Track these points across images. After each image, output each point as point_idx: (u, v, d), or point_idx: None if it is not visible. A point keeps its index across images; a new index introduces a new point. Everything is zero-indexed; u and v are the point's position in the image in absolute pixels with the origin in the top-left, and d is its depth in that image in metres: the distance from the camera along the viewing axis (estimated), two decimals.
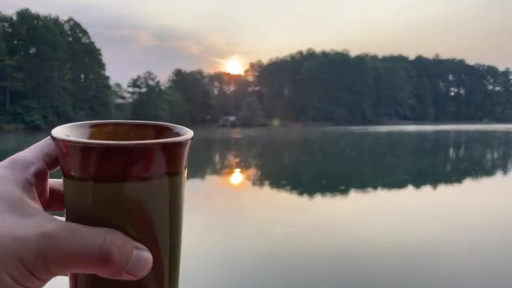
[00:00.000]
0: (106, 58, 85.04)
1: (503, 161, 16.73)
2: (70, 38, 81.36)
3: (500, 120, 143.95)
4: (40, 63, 72.46)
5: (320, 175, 13.66)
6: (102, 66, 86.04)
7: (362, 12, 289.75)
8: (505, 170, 13.32)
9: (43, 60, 72.52)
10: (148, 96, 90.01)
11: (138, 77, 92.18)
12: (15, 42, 73.15)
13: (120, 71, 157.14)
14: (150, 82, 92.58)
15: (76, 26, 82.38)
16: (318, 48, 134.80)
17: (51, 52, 72.44)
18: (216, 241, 5.95)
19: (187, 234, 5.43)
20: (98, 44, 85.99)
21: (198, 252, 5.34)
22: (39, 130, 65.58)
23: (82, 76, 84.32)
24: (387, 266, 4.41)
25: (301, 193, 9.23)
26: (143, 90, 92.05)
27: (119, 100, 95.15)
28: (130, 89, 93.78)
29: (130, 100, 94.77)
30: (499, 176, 11.88)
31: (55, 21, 78.15)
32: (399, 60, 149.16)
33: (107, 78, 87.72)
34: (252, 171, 14.43)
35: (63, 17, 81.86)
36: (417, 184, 10.15)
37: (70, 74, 79.75)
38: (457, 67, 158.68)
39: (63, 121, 76.53)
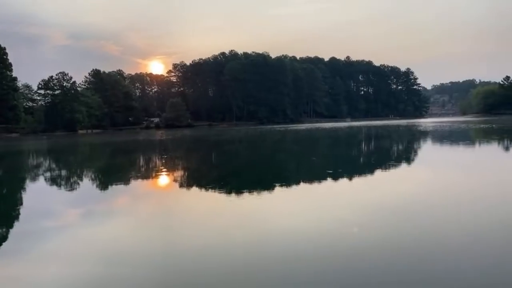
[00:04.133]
0: (12, 58, 77.39)
1: (406, 152, 18.95)
2: None
3: (403, 115, 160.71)
4: None
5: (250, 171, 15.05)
6: (7, 66, 78.23)
7: (281, 16, 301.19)
8: (408, 160, 15.03)
9: None
10: (63, 99, 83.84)
11: (51, 78, 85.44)
12: None
13: (29, 72, 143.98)
14: (65, 84, 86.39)
15: None
16: (240, 49, 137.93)
17: None
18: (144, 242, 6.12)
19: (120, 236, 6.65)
20: (2, 43, 78.09)
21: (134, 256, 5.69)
22: None
23: None
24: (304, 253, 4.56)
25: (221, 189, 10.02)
26: (57, 92, 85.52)
27: (29, 103, 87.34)
28: (42, 91, 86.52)
29: (42, 103, 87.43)
30: (403, 165, 13.22)
31: None
32: (315, 61, 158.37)
33: (14, 79, 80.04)
34: (178, 173, 14.40)
35: None
36: (334, 175, 10.71)
37: None
38: (366, 68, 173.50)
39: None
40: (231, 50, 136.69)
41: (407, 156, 17.10)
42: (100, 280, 4.15)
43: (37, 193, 10.47)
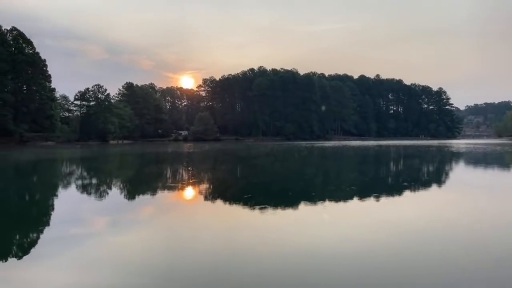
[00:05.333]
0: (52, 69, 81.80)
1: (437, 174, 18.34)
2: (13, 48, 77.32)
3: (434, 136, 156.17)
4: None
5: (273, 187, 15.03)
6: (47, 77, 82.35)
7: (311, 33, 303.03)
8: (439, 182, 14.58)
9: None
10: (97, 110, 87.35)
11: (87, 90, 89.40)
12: None
13: (67, 84, 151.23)
14: (99, 95, 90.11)
15: (19, 36, 78.52)
16: (269, 65, 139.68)
17: None
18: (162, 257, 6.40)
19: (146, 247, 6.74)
20: (43, 56, 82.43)
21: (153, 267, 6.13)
22: None
23: (25, 87, 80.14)
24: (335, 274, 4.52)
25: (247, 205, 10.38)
26: (92, 103, 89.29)
27: (66, 113, 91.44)
28: (78, 102, 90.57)
29: (77, 113, 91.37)
30: (434, 187, 12.84)
31: None
32: (344, 79, 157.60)
33: (53, 90, 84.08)
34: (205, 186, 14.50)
35: (6, 27, 77.62)
36: (361, 195, 10.47)
37: (12, 85, 75.55)
38: (396, 86, 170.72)
39: (2, 134, 71.88)
40: (260, 66, 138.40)
41: (438, 178, 16.57)
42: None
43: (68, 199, 10.85)
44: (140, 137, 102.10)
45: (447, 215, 8.11)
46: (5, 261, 5.31)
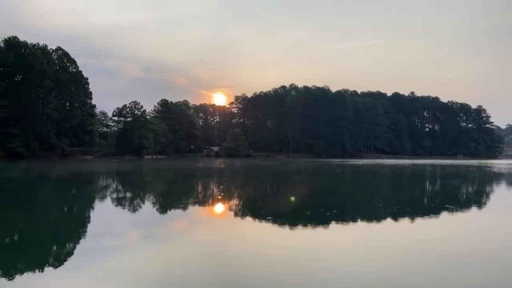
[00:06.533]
0: (93, 87, 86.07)
1: (476, 195, 17.34)
2: (58, 67, 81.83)
3: (473, 155, 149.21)
4: (26, 90, 72.22)
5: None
6: (88, 95, 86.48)
7: (342, 50, 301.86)
8: (479, 204, 13.96)
9: (28, 87, 72.37)
10: (133, 125, 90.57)
11: (124, 107, 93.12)
12: (1, 69, 73.17)
13: (106, 100, 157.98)
14: (136, 112, 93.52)
15: (64, 55, 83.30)
16: (300, 83, 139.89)
17: (37, 80, 72.59)
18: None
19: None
20: (85, 74, 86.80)
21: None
22: (20, 157, 64.91)
23: (68, 104, 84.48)
24: None
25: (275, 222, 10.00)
26: (129, 119, 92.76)
27: (104, 129, 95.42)
28: (115, 118, 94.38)
29: (114, 128, 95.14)
30: (473, 209, 12.39)
31: (43, 50, 78.81)
32: (377, 96, 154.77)
33: (93, 106, 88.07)
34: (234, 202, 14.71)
35: (52, 46, 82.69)
36: (396, 216, 10.24)
37: (56, 102, 79.73)
38: (432, 104, 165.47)
39: (45, 148, 75.76)
40: (292, 84, 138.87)
41: (479, 200, 15.74)
42: None
43: (104, 212, 11.16)
44: (174, 152, 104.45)
45: (489, 239, 7.65)
46: (42, 271, 5.50)
